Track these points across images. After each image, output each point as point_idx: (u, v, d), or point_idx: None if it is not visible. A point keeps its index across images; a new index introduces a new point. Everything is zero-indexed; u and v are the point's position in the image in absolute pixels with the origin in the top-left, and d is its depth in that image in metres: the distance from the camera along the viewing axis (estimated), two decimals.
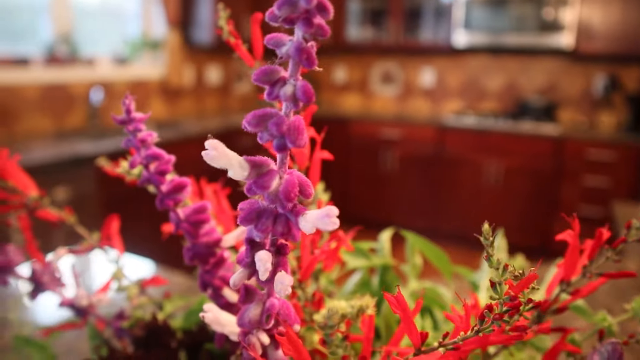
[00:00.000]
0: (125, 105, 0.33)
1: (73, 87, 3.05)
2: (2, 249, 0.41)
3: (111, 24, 3.44)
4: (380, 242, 0.57)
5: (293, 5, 0.20)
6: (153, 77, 3.57)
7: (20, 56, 2.84)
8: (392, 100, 4.44)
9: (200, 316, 0.29)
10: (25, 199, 0.43)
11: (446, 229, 3.83)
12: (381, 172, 4.01)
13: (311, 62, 0.21)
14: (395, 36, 4.03)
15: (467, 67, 4.12)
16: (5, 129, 2.73)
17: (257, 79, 0.22)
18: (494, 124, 3.55)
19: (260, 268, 0.24)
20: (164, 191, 0.34)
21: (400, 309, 0.28)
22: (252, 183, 0.24)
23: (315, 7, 0.20)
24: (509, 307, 0.26)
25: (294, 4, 0.20)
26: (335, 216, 0.23)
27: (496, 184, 3.59)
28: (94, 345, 0.46)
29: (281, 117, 0.23)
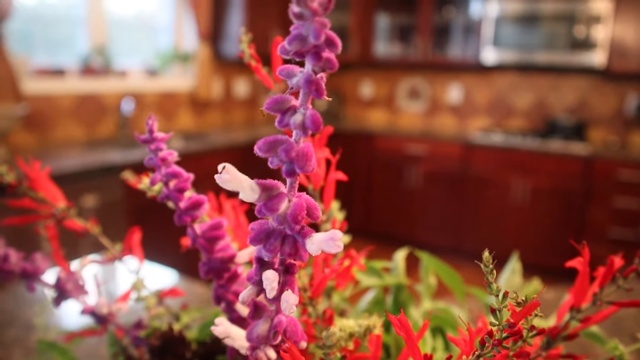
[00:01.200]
0: (148, 125, 0.35)
1: (105, 97, 3.13)
2: (30, 256, 0.43)
3: (144, 36, 3.54)
4: (395, 262, 0.57)
5: (303, 41, 0.21)
6: (182, 89, 3.64)
7: (57, 67, 2.93)
8: (418, 116, 4.43)
9: (211, 329, 0.30)
10: (54, 209, 0.46)
11: (469, 248, 3.78)
12: (405, 188, 3.99)
13: (320, 93, 0.23)
14: (423, 52, 4.03)
15: (495, 84, 4.10)
16: (40, 136, 2.82)
17: (268, 108, 0.24)
18: (521, 142, 3.51)
19: (267, 287, 0.25)
20: (182, 208, 0.35)
21: (404, 330, 0.28)
22: (262, 205, 0.25)
23: (324, 42, 0.21)
24: (509, 333, 0.26)
25: (304, 40, 0.21)
26: (340, 240, 0.24)
27: (522, 203, 3.54)
28: (112, 352, 0.47)
29: (291, 143, 0.24)
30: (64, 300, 0.44)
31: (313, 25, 0.21)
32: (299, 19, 0.21)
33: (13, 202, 0.45)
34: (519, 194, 3.55)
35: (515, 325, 0.26)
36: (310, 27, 0.21)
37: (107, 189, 2.45)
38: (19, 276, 0.43)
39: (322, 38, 0.21)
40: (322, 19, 0.21)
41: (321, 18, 0.20)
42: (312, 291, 0.38)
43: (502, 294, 0.27)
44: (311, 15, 0.20)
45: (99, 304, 0.44)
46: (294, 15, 0.21)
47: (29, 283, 0.43)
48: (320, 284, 0.38)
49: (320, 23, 0.21)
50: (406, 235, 4.04)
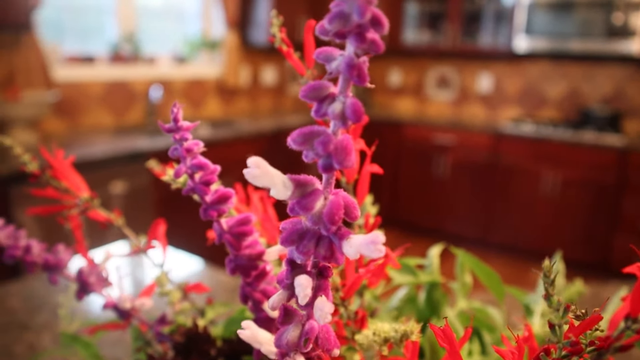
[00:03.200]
0: (173, 114, 0.33)
1: (134, 84, 3.15)
2: (53, 248, 0.42)
3: (172, 24, 3.54)
4: (429, 258, 0.55)
5: (345, 19, 0.19)
6: (210, 76, 3.64)
7: (87, 54, 2.96)
8: (447, 105, 4.35)
9: (238, 333, 0.28)
10: (77, 199, 0.44)
11: (497, 240, 3.71)
12: (433, 177, 3.94)
13: (363, 78, 0.20)
14: (453, 40, 3.94)
15: (526, 73, 3.99)
16: (71, 123, 2.85)
17: (305, 95, 0.21)
18: (553, 133, 3.41)
19: (299, 293, 0.23)
20: (208, 202, 0.33)
21: (447, 342, 0.26)
22: (295, 203, 0.23)
23: (368, 22, 0.19)
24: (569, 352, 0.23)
25: (346, 18, 0.19)
26: (382, 243, 0.21)
27: (553, 195, 3.46)
28: (136, 346, 0.46)
29: (328, 135, 0.21)
30: (86, 294, 0.43)
31: (358, 2, 0.18)
32: None
33: (37, 192, 0.44)
34: (549, 186, 3.46)
35: (577, 344, 0.23)
36: (354, 3, 0.18)
37: (136, 176, 2.47)
38: (41, 268, 0.42)
39: (367, 16, 0.18)
40: None
41: None
42: (344, 291, 0.36)
43: (563, 308, 0.24)
44: None
45: (122, 298, 0.42)
46: None
47: (51, 275, 0.42)
48: (354, 284, 0.36)
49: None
50: (433, 226, 3.99)
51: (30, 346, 0.93)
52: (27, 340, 0.95)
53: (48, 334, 0.97)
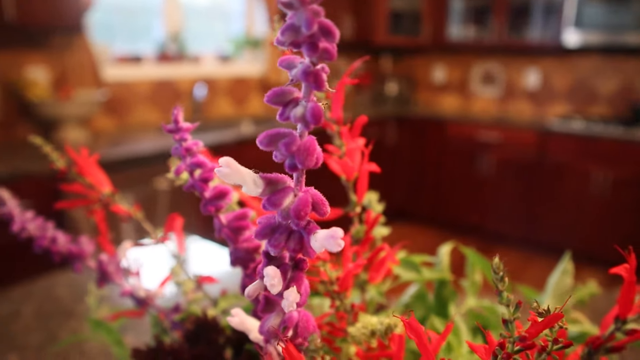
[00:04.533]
0: (173, 115, 0.35)
1: (179, 83, 3.25)
2: (77, 239, 0.46)
3: (217, 23, 3.62)
4: (439, 256, 0.55)
5: (296, 31, 0.20)
6: (253, 74, 3.71)
7: (135, 54, 3.08)
8: (492, 102, 4.26)
9: (227, 319, 0.30)
10: (100, 194, 0.48)
11: (542, 240, 3.61)
12: (477, 175, 3.86)
13: (319, 85, 0.22)
14: (499, 35, 3.86)
15: (576, 68, 3.85)
16: (119, 120, 2.97)
17: (269, 100, 0.23)
18: (603, 130, 3.28)
19: (267, 283, 0.25)
20: (206, 197, 0.36)
21: (415, 335, 0.27)
22: (266, 200, 0.24)
23: (319, 32, 0.20)
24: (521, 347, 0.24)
25: (297, 30, 0.20)
26: (340, 238, 0.23)
27: (603, 195, 3.33)
28: (154, 332, 0.49)
29: (293, 137, 0.23)
30: (106, 282, 0.46)
31: (304, 15, 0.20)
32: (288, 7, 0.20)
33: (65, 187, 0.48)
34: (599, 185, 3.33)
35: (526, 339, 0.24)
36: (302, 17, 0.20)
37: None
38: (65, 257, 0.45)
39: (314, 27, 0.20)
40: (314, 6, 0.19)
41: (313, 6, 0.19)
42: (338, 285, 0.37)
43: (514, 304, 0.25)
44: (300, 5, 0.19)
45: (137, 287, 0.45)
46: (282, 4, 0.20)
47: (74, 264, 0.45)
48: (346, 278, 0.37)
49: (312, 11, 0.19)
50: (476, 225, 3.92)
51: (74, 332, 0.99)
52: (71, 327, 1.01)
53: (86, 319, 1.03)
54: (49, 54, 2.63)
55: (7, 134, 2.53)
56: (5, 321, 1.02)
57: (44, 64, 2.61)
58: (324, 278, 0.37)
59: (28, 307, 1.08)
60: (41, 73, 2.59)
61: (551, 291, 0.50)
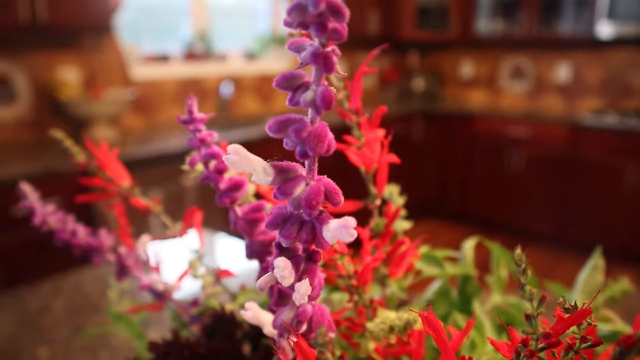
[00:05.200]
0: (187, 106, 0.34)
1: (206, 81, 3.28)
2: (96, 232, 0.46)
3: (243, 21, 3.64)
4: (463, 251, 0.54)
5: (303, 11, 0.19)
6: (279, 71, 3.71)
7: (163, 53, 3.11)
8: (522, 97, 4.17)
9: (241, 313, 0.30)
10: (119, 188, 0.48)
11: (575, 238, 3.52)
12: (506, 172, 3.79)
13: (330, 67, 0.21)
14: (529, 28, 3.77)
15: (609, 62, 3.74)
16: (147, 119, 3.02)
17: (278, 84, 0.22)
18: (638, 124, 3.18)
19: (277, 275, 0.24)
20: (221, 189, 0.35)
21: (433, 330, 0.26)
22: (276, 189, 0.23)
23: (327, 11, 0.19)
24: (546, 344, 0.23)
25: (303, 9, 0.19)
26: (353, 228, 0.22)
27: (638, 191, 3.23)
28: (174, 326, 0.49)
29: (303, 123, 0.22)
30: (125, 276, 0.46)
31: None
32: None
33: (84, 181, 0.48)
34: (633, 182, 3.23)
35: (550, 336, 0.22)
36: None
37: None
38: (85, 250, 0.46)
39: (321, 6, 0.19)
40: None
41: None
42: (357, 279, 0.36)
43: (537, 299, 0.23)
44: None
45: (155, 281, 0.45)
46: None
47: (94, 257, 0.45)
48: (364, 271, 0.36)
49: None
50: (505, 222, 3.85)
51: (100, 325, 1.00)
52: (98, 321, 1.03)
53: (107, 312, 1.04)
54: (80, 55, 2.68)
55: (40, 134, 2.59)
56: (35, 315, 1.04)
57: (74, 64, 2.66)
58: (342, 272, 0.36)
59: (57, 302, 1.10)
60: (72, 73, 2.64)
61: (581, 288, 0.48)
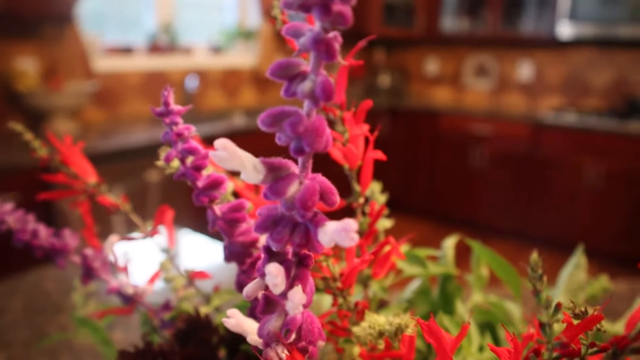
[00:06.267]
0: (163, 97, 0.32)
1: (171, 74, 3.20)
2: (59, 233, 0.43)
3: (209, 14, 3.57)
4: (444, 250, 0.53)
5: None
6: (246, 65, 3.66)
7: (126, 45, 3.02)
8: (485, 95, 4.24)
9: (222, 321, 0.28)
10: (85, 185, 0.45)
11: (536, 233, 3.61)
12: (470, 168, 3.85)
13: (331, 55, 0.19)
14: (493, 27, 3.83)
15: (570, 61, 3.83)
16: (110, 112, 2.92)
17: (272, 73, 0.20)
18: (597, 123, 3.28)
19: (269, 282, 0.22)
20: (199, 187, 0.33)
21: (434, 338, 0.25)
22: (268, 188, 0.21)
23: None
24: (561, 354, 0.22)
25: None
26: (354, 231, 0.20)
27: (596, 188, 3.33)
28: (144, 331, 0.46)
29: (299, 116, 0.20)
30: (91, 279, 0.44)
31: None
32: None
33: (47, 177, 0.45)
34: (592, 178, 3.33)
35: (568, 345, 0.21)
36: None
37: None
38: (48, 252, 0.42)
39: None
40: None
41: None
42: (342, 281, 0.35)
43: (553, 307, 0.22)
44: None
45: (124, 284, 0.43)
46: None
47: (57, 260, 0.42)
48: (351, 274, 0.34)
49: None
50: (469, 217, 3.91)
51: (62, 327, 0.96)
52: (59, 322, 0.98)
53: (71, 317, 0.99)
54: (39, 44, 2.57)
55: None
56: None
57: (33, 54, 2.55)
58: (326, 274, 0.34)
59: (15, 303, 1.05)
60: (31, 63, 2.53)
61: (563, 286, 0.48)
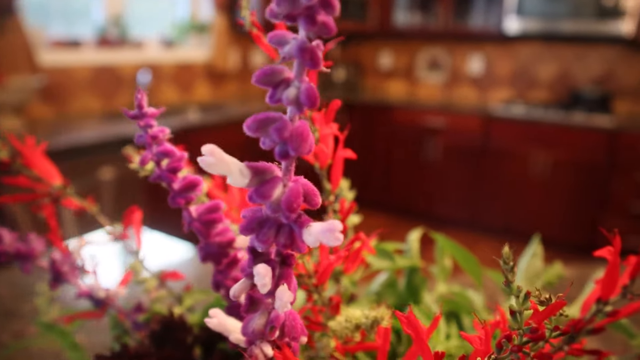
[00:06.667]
0: (137, 100, 0.32)
1: (122, 68, 3.12)
2: (25, 237, 0.42)
3: (160, 6, 3.49)
4: (409, 243, 0.55)
5: (293, 1, 0.18)
6: (199, 60, 3.61)
7: (74, 38, 2.92)
8: (438, 88, 4.34)
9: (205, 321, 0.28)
10: (50, 187, 0.44)
11: (488, 222, 3.73)
12: (424, 161, 3.93)
13: (316, 62, 0.20)
14: (444, 21, 3.92)
15: (517, 55, 3.97)
16: (58, 108, 2.82)
17: (257, 81, 0.21)
18: (543, 115, 3.41)
19: (258, 282, 0.23)
20: (175, 189, 0.33)
21: (413, 329, 0.26)
22: (253, 191, 0.22)
23: (318, 3, 0.18)
24: (530, 338, 0.23)
25: (294, 1, 0.18)
26: (339, 231, 0.21)
27: (543, 177, 3.47)
28: (115, 334, 0.46)
29: (284, 122, 0.21)
30: (60, 283, 0.43)
31: None
32: None
33: (8, 180, 0.43)
34: (539, 168, 3.47)
35: (537, 330, 0.23)
36: None
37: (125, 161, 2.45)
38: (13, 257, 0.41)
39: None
40: None
41: None
42: (317, 277, 0.36)
43: (523, 295, 0.24)
44: None
45: (95, 287, 0.42)
46: None
47: (23, 265, 0.41)
48: (326, 270, 0.35)
49: None
50: (425, 209, 4.00)
51: (16, 334, 0.93)
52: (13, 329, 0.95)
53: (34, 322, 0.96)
54: None
55: None
56: None
57: None
58: (302, 271, 0.35)
59: None
60: None
61: (522, 274, 0.51)
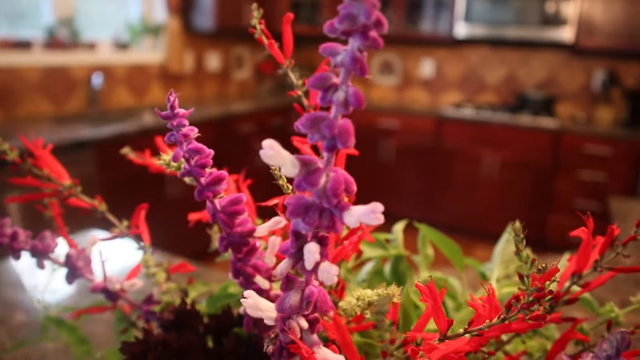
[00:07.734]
0: (169, 102, 0.35)
1: (73, 71, 3.04)
2: (40, 234, 0.43)
3: (112, 8, 3.43)
4: (394, 233, 0.59)
5: (353, 20, 0.22)
6: (153, 62, 3.56)
7: (21, 39, 2.83)
8: (391, 91, 4.45)
9: (241, 301, 0.31)
10: (59, 187, 0.45)
11: (441, 220, 3.87)
12: (378, 162, 4.03)
13: (364, 71, 0.23)
14: (396, 26, 4.03)
15: (466, 59, 4.13)
16: (5, 111, 2.72)
17: (311, 85, 0.24)
18: (492, 117, 3.57)
19: (309, 259, 0.26)
20: (203, 184, 0.36)
21: (432, 297, 0.30)
22: (302, 180, 0.26)
23: (373, 23, 0.22)
24: (535, 297, 0.28)
25: (354, 19, 0.22)
26: (381, 212, 0.25)
27: (493, 176, 3.63)
28: (121, 327, 0.48)
29: (333, 120, 0.25)
30: (75, 278, 0.44)
31: (364, 6, 0.21)
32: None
33: (17, 180, 0.45)
34: (489, 167, 3.62)
35: (543, 290, 0.27)
36: (362, 7, 0.22)
37: (79, 166, 2.40)
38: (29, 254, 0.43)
39: (373, 18, 0.22)
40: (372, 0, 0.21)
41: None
42: None
43: (530, 261, 0.29)
44: None
45: (111, 280, 0.44)
46: None
47: (39, 261, 0.43)
48: (337, 256, 0.39)
49: (371, 3, 0.21)
50: None
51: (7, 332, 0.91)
52: None
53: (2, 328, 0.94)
54: None
55: None
56: None
57: None
58: None
59: None
60: None
61: (498, 259, 0.56)
